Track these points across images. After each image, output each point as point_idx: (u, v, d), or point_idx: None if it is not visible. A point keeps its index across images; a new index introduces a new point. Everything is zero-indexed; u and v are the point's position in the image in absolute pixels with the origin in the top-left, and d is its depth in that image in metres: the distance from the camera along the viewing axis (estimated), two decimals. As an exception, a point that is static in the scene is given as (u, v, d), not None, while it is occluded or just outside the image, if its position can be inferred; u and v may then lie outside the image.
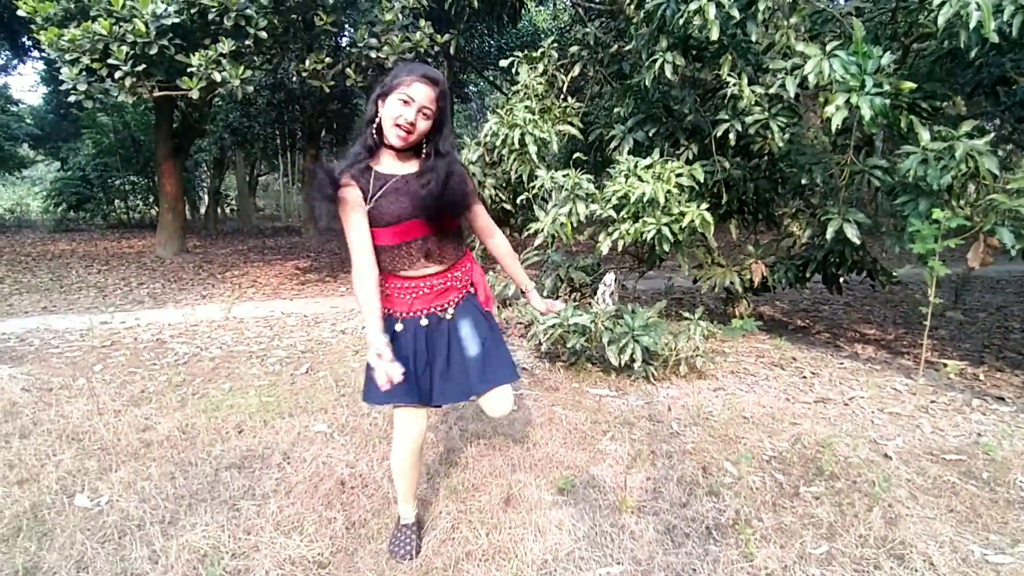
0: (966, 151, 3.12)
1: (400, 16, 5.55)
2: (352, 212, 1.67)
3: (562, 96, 5.04)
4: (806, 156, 4.02)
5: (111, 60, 4.72)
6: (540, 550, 1.98)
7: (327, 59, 5.54)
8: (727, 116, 3.92)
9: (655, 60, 3.80)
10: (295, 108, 13.52)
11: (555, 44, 5.01)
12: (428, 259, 1.77)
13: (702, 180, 3.96)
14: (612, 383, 3.76)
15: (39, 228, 14.99)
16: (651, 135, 4.59)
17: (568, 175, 3.97)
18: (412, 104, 1.63)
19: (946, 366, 4.08)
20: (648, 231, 3.68)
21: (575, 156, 4.39)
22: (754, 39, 3.47)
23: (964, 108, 4.12)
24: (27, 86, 31.93)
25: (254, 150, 16.47)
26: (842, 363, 4.40)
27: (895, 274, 4.39)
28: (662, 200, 3.64)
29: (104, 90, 4.80)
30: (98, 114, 15.05)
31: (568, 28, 9.94)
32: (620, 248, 3.93)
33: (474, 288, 1.92)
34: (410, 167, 1.74)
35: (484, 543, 2.01)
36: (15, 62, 17.64)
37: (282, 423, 3.02)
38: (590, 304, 4.23)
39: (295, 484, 2.39)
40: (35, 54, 14.37)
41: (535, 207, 4.23)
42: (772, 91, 3.46)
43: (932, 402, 3.57)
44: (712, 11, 3.26)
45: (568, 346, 3.85)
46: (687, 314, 4.09)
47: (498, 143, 4.44)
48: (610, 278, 4.13)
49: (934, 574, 1.92)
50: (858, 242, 3.75)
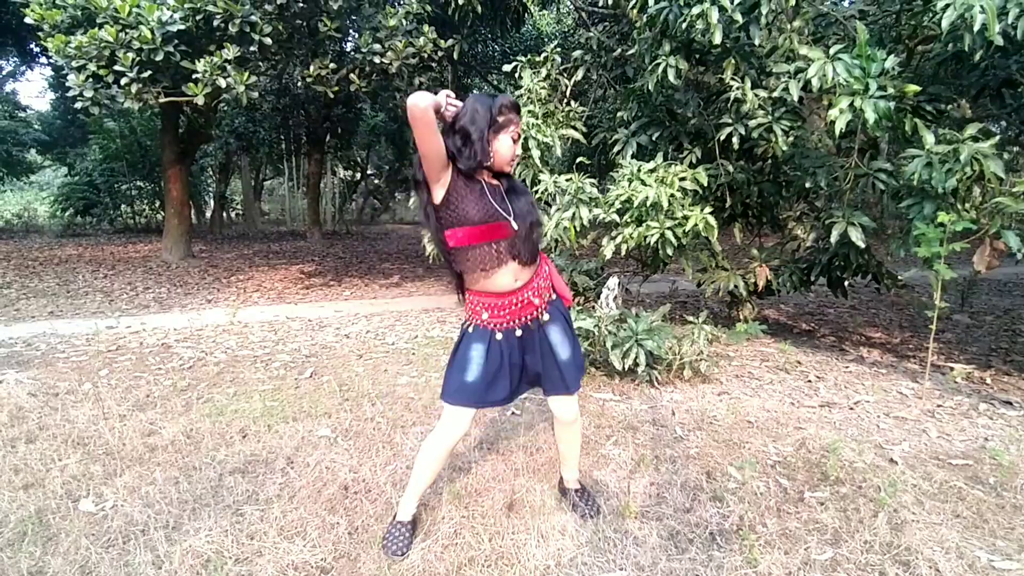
0: (971, 154, 3.11)
1: (404, 22, 5.58)
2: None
3: (565, 100, 5.04)
4: (810, 160, 4.01)
5: (117, 67, 4.76)
6: (543, 556, 1.97)
7: (331, 65, 5.57)
8: (730, 120, 3.92)
9: (658, 64, 3.81)
10: (300, 113, 13.59)
11: (558, 48, 5.01)
12: (516, 259, 1.89)
13: (706, 184, 3.96)
14: (616, 387, 3.76)
15: (46, 233, 15.07)
16: (654, 139, 4.59)
17: (571, 179, 3.97)
18: (520, 138, 1.89)
19: (952, 370, 4.06)
20: (651, 235, 3.68)
21: (578, 160, 4.38)
22: (757, 43, 3.47)
23: (969, 111, 4.11)
24: (35, 92, 32.18)
25: (259, 155, 16.55)
26: (847, 367, 4.38)
27: (900, 278, 4.37)
28: (665, 204, 3.64)
29: (110, 96, 4.84)
30: (105, 120, 15.16)
31: (572, 32, 9.96)
32: (624, 252, 3.93)
33: (555, 289, 2.07)
34: (491, 180, 1.92)
35: (487, 549, 2.00)
36: (23, 68, 17.83)
37: (286, 428, 3.02)
38: (594, 308, 4.23)
39: (298, 489, 2.40)
40: (43, 60, 14.50)
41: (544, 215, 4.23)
42: (775, 95, 3.46)
43: (939, 406, 3.55)
44: (715, 15, 3.27)
45: (572, 350, 3.84)
46: (691, 318, 4.08)
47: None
48: (614, 282, 4.13)
49: (940, 581, 1.91)
50: (863, 245, 3.73)
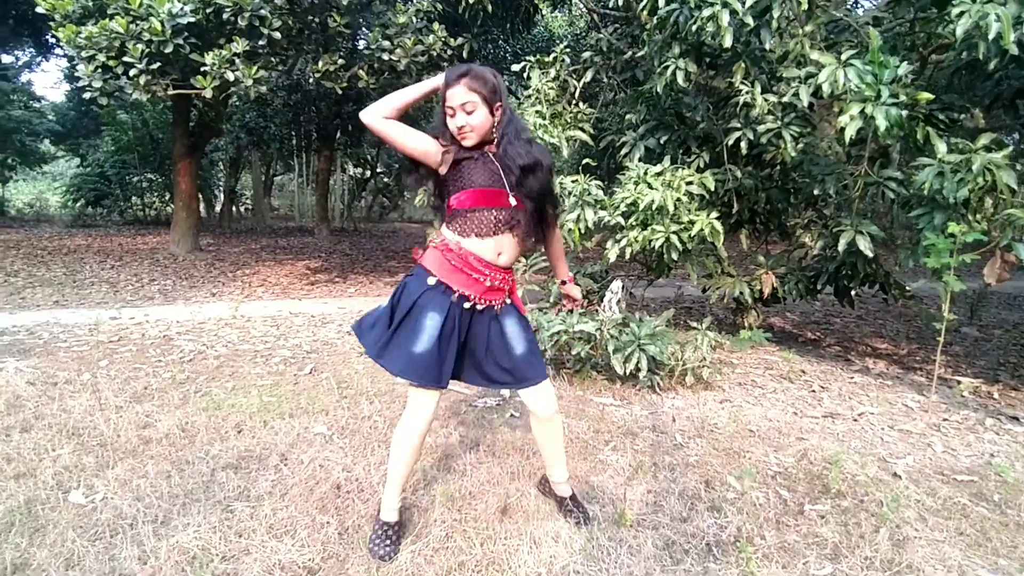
0: (984, 164, 3.05)
1: (414, 19, 5.56)
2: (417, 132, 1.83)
3: (574, 102, 5.01)
4: (819, 167, 3.96)
5: (127, 58, 4.77)
6: (534, 562, 1.94)
7: (340, 61, 5.56)
8: (739, 124, 3.87)
9: (667, 67, 3.77)
10: (311, 110, 13.62)
11: (568, 49, 4.98)
12: (511, 231, 1.87)
13: (712, 188, 3.92)
14: (616, 392, 3.72)
15: (57, 223, 15.17)
16: (662, 142, 4.55)
17: (577, 181, 3.94)
18: (455, 111, 1.79)
19: (960, 383, 3.99)
20: (656, 239, 3.64)
21: (585, 162, 4.35)
22: (768, 47, 3.42)
23: (983, 121, 4.05)
24: (50, 83, 32.43)
25: (270, 150, 16.62)
26: (852, 377, 4.32)
27: (909, 288, 4.31)
28: (671, 208, 3.60)
29: (119, 88, 4.85)
30: (118, 112, 15.25)
31: (584, 35, 9.93)
32: (628, 255, 3.89)
33: (511, 295, 2.04)
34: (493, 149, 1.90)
35: (478, 553, 1.97)
36: (39, 59, 17.98)
37: (282, 424, 3.00)
38: (596, 311, 4.19)
39: (290, 487, 2.37)
40: (58, 52, 14.61)
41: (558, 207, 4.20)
42: (785, 100, 3.41)
43: (944, 420, 3.49)
44: (725, 18, 3.22)
45: (573, 353, 3.81)
46: (695, 324, 4.03)
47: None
48: (617, 285, 4.09)
49: (941, 600, 1.86)
50: (871, 255, 3.68)
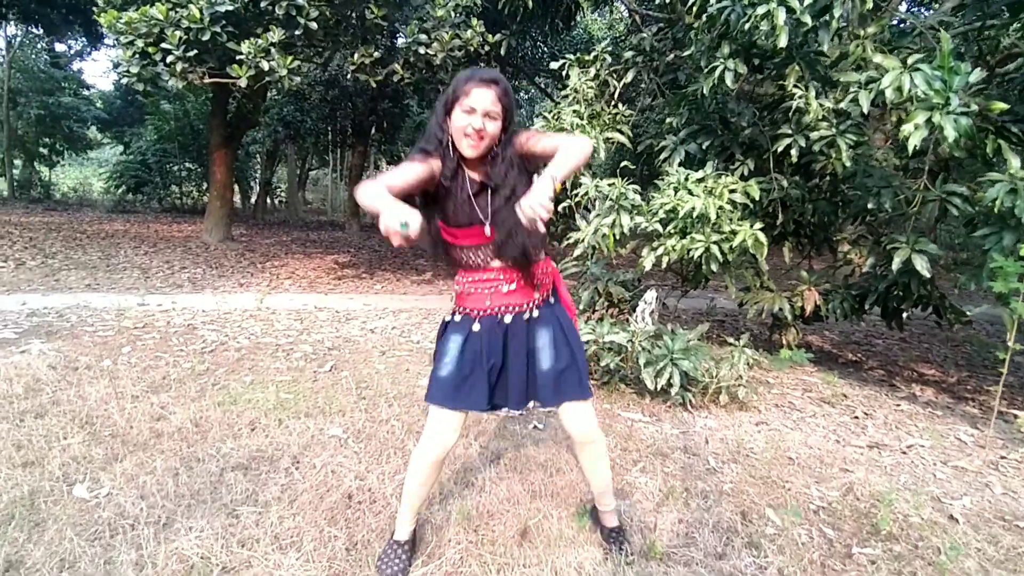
0: (1063, 182, 2.79)
1: (452, 13, 5.46)
2: (414, 163, 1.64)
3: (613, 103, 4.84)
4: (874, 178, 3.71)
5: (164, 44, 4.77)
6: (554, 595, 1.78)
7: (376, 54, 5.49)
8: (789, 131, 3.65)
9: (715, 67, 3.57)
10: (347, 105, 13.69)
11: (609, 49, 4.81)
12: (503, 260, 1.74)
13: (757, 198, 3.70)
14: (646, 407, 3.53)
15: (99, 208, 15.55)
16: (704, 148, 4.34)
17: (614, 184, 3.77)
18: (476, 112, 1.62)
19: (1017, 418, 3.69)
20: (696, 248, 3.44)
21: (622, 165, 4.17)
22: (825, 49, 3.20)
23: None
24: (100, 72, 33.47)
25: (306, 144, 16.79)
26: (898, 405, 4.05)
27: (968, 313, 4.02)
28: (713, 216, 3.41)
29: (156, 74, 4.85)
30: (162, 102, 15.60)
31: (623, 38, 9.73)
32: (664, 265, 3.70)
33: (557, 291, 1.89)
34: (477, 174, 1.73)
35: (493, 580, 1.82)
36: (89, 49, 18.52)
37: (297, 424, 2.90)
38: (627, 321, 4.01)
39: (300, 493, 2.26)
40: (108, 41, 14.97)
41: (577, 216, 4.04)
42: (842, 106, 3.19)
43: (1002, 458, 3.22)
44: (782, 16, 3.02)
45: (602, 364, 3.64)
46: (730, 339, 3.83)
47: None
48: (651, 296, 3.90)
49: (1012, 670, 1.65)
50: (928, 275, 3.42)
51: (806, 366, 4.61)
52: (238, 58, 4.79)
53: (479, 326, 1.77)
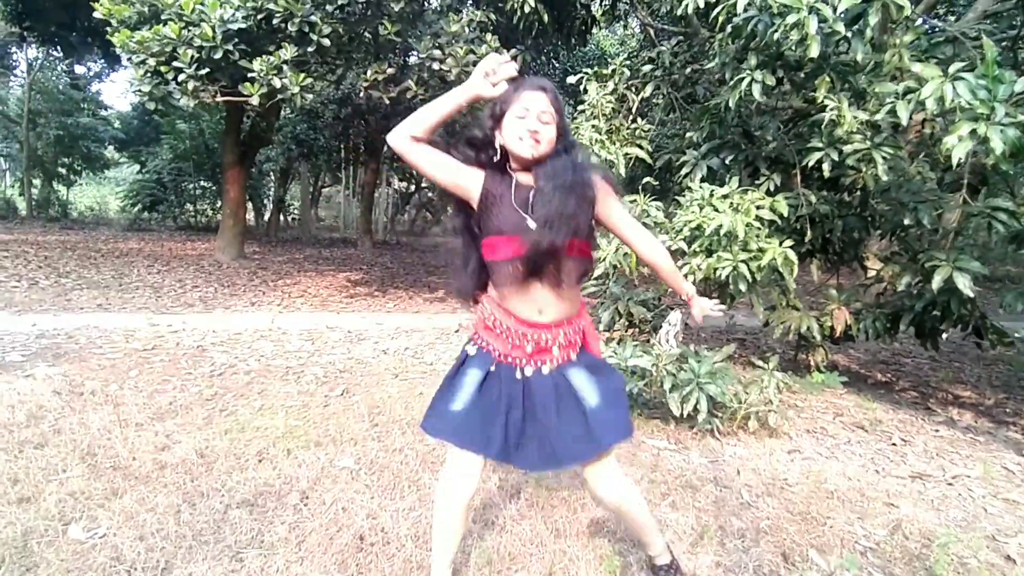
0: (1120, 196, 2.61)
1: (467, 29, 5.39)
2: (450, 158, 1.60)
3: (631, 117, 4.72)
4: (911, 193, 3.54)
5: (176, 63, 4.73)
6: (585, 653, 1.62)
7: (389, 70, 5.42)
8: (821, 144, 3.49)
9: (741, 79, 3.44)
10: (360, 123, 13.72)
11: (627, 63, 4.71)
12: (540, 280, 1.58)
13: (785, 214, 3.55)
14: (671, 434, 3.36)
15: (114, 226, 15.64)
16: (727, 162, 4.20)
17: (636, 201, 3.63)
18: (531, 112, 1.54)
19: (1069, 446, 3.48)
20: (723, 268, 3.29)
21: (645, 181, 4.04)
22: (859, 59, 3.06)
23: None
24: (118, 93, 34.15)
25: (319, 162, 16.83)
26: (937, 430, 3.84)
27: (1012, 335, 3.81)
28: (741, 234, 3.25)
29: (167, 92, 4.81)
30: (177, 121, 15.74)
31: (636, 53, 9.68)
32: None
33: (583, 341, 1.72)
34: (528, 178, 1.62)
35: (517, 635, 1.66)
36: (108, 71, 18.82)
37: (306, 455, 2.76)
38: (648, 342, 3.84)
39: (308, 533, 2.11)
40: (125, 62, 15.17)
41: (597, 234, 3.90)
42: (878, 117, 3.03)
43: (1056, 490, 3.00)
44: (813, 25, 2.88)
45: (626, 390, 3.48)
46: (757, 361, 3.65)
47: (560, 163, 4.14)
48: (676, 317, 3.70)
49: None
50: (971, 294, 3.24)
51: (835, 387, 4.41)
52: (250, 76, 4.74)
53: (495, 368, 1.65)
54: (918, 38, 3.16)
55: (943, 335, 4.01)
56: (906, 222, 3.52)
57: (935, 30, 3.51)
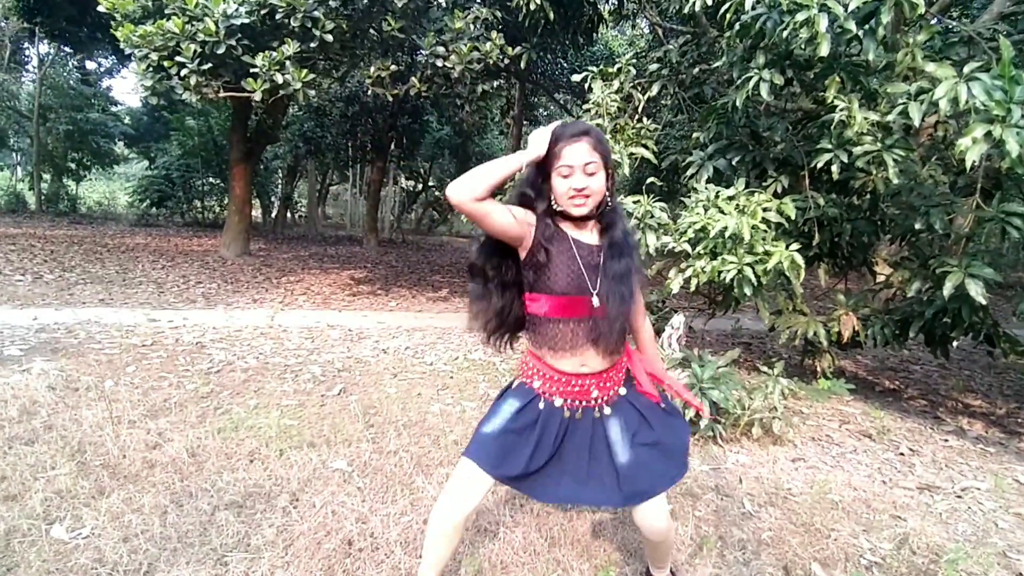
0: None
1: (471, 26, 5.33)
2: (507, 209, 1.52)
3: (637, 116, 4.64)
4: (923, 197, 3.46)
5: (179, 58, 4.70)
6: (575, 670, 1.56)
7: (393, 67, 5.37)
8: (830, 145, 3.41)
9: (749, 78, 3.36)
10: (367, 121, 13.71)
11: (633, 62, 4.63)
12: (595, 346, 1.56)
13: (792, 216, 3.47)
14: (673, 440, 3.29)
15: (122, 221, 15.70)
16: (734, 163, 4.12)
17: (639, 202, 3.56)
18: (575, 169, 1.50)
19: (1084, 458, 3.39)
20: (728, 271, 3.21)
21: (650, 181, 3.96)
22: (871, 58, 2.98)
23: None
24: (128, 89, 34.28)
25: (326, 160, 16.85)
26: (946, 440, 3.75)
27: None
28: (747, 236, 3.18)
29: (170, 87, 4.79)
30: (186, 117, 15.79)
31: (645, 53, 9.59)
32: (693, 287, 3.47)
33: (638, 383, 1.70)
34: (587, 236, 1.60)
35: (506, 649, 1.60)
36: (119, 67, 18.91)
37: (299, 456, 2.71)
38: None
39: (296, 536, 2.06)
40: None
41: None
42: (890, 118, 2.95)
43: (1070, 505, 2.91)
44: (823, 23, 2.81)
45: (625, 393, 3.41)
46: (762, 366, 3.58)
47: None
48: (678, 320, 3.67)
49: None
50: (984, 302, 3.15)
51: (843, 395, 4.33)
52: (253, 71, 4.71)
53: (544, 405, 1.62)
54: (932, 38, 3.08)
55: (954, 343, 3.91)
56: (917, 226, 3.43)
57: (949, 30, 3.41)
